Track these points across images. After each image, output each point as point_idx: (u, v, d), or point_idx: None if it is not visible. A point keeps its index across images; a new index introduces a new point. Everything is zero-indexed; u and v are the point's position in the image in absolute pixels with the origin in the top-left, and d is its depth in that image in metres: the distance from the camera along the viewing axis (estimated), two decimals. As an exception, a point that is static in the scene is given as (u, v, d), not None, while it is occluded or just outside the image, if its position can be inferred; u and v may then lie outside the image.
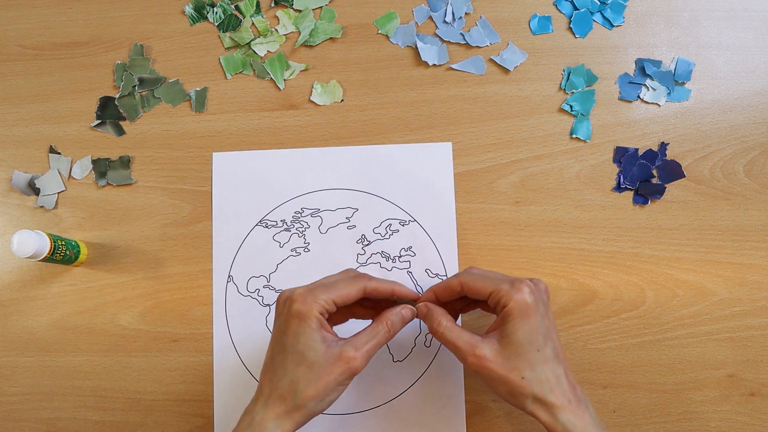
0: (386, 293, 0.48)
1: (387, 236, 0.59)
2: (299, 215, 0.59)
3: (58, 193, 0.60)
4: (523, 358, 0.44)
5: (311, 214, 0.59)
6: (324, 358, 0.44)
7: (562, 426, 0.44)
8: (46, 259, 0.54)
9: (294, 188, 0.60)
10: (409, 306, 0.49)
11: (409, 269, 0.58)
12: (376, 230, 0.59)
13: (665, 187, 0.59)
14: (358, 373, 0.45)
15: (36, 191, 0.60)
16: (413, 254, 0.58)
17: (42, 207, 0.60)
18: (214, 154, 0.61)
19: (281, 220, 0.59)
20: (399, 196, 0.59)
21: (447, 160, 0.60)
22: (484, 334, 0.47)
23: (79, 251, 0.57)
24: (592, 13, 0.63)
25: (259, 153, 0.60)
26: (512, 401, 0.46)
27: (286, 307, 0.46)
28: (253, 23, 0.63)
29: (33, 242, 0.52)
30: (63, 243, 0.55)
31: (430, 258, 0.58)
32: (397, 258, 0.58)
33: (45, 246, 0.53)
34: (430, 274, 0.58)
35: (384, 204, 0.59)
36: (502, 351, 0.45)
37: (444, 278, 0.58)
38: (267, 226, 0.59)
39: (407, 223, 0.59)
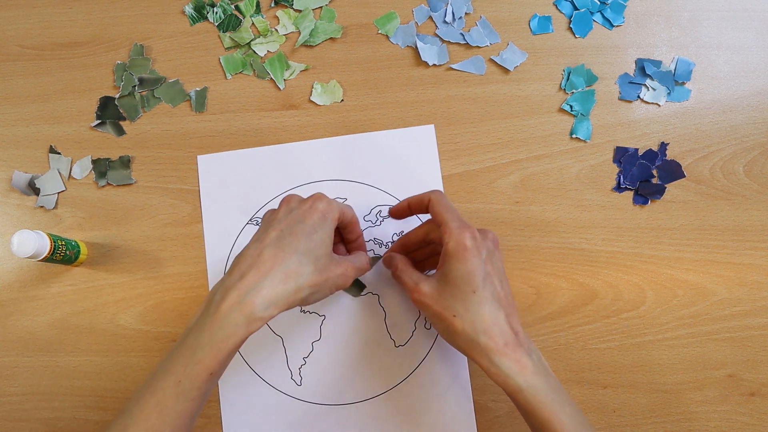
0: (358, 232, 0.53)
1: (378, 223, 0.59)
2: None
3: (58, 193, 0.60)
4: (457, 298, 0.45)
5: None
6: (329, 257, 0.47)
7: (497, 368, 0.44)
8: (46, 259, 0.54)
9: (281, 183, 0.60)
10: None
11: None
12: (366, 218, 0.59)
13: (665, 187, 0.59)
14: (346, 286, 0.49)
15: (36, 191, 0.60)
16: None
17: (42, 207, 0.60)
18: (198, 156, 0.60)
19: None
20: (386, 182, 0.60)
21: (431, 142, 0.60)
22: (437, 266, 0.49)
23: (79, 251, 0.57)
24: (592, 13, 0.63)
25: (242, 152, 0.60)
26: (452, 342, 0.47)
27: (308, 203, 0.48)
28: (253, 23, 0.63)
29: (33, 242, 0.52)
30: (63, 243, 0.55)
31: None
32: (389, 243, 0.58)
33: (45, 246, 0.53)
34: None
35: (372, 191, 0.59)
36: (439, 289, 0.47)
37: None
38: (257, 224, 0.59)
39: None
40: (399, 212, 0.54)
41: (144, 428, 0.41)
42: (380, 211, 0.59)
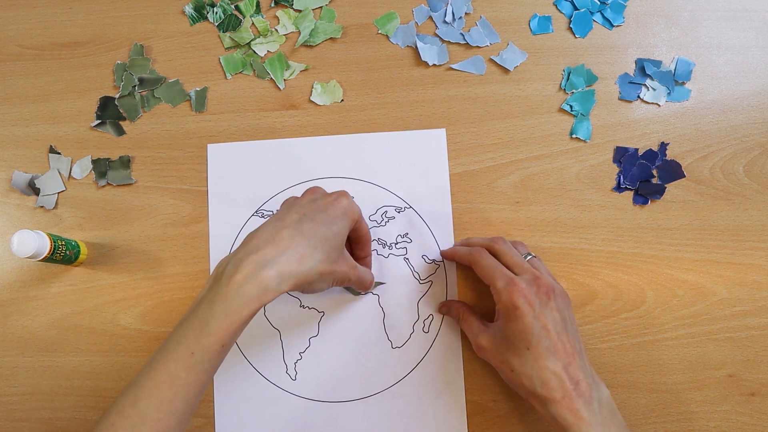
0: (368, 251, 0.55)
1: (383, 223, 0.59)
2: None
3: (58, 193, 0.60)
4: (513, 354, 0.47)
5: None
6: (340, 251, 0.48)
7: (554, 419, 0.45)
8: (46, 259, 0.54)
9: (289, 178, 0.60)
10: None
11: (406, 255, 0.58)
12: (372, 218, 0.59)
13: (665, 187, 0.59)
14: (345, 284, 0.50)
15: (36, 191, 0.60)
16: (409, 241, 0.58)
17: (42, 207, 0.60)
18: (209, 145, 0.60)
19: (277, 210, 0.59)
20: (394, 183, 0.60)
21: (441, 145, 0.60)
22: (494, 318, 0.51)
23: (79, 251, 0.57)
24: (592, 13, 0.63)
25: (253, 144, 0.61)
26: (515, 390, 0.49)
27: (333, 196, 0.49)
28: (253, 23, 0.63)
29: (33, 242, 0.52)
30: (63, 243, 0.55)
31: (426, 244, 0.58)
32: (393, 245, 0.58)
33: (45, 246, 0.53)
34: (427, 260, 0.58)
35: (379, 191, 0.60)
36: (496, 342, 0.49)
37: (440, 264, 0.58)
38: (263, 216, 0.59)
39: (403, 209, 0.59)
40: (445, 256, 0.57)
41: (156, 400, 0.41)
42: (386, 211, 0.59)
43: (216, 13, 0.63)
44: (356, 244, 0.53)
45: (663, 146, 0.60)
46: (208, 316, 0.41)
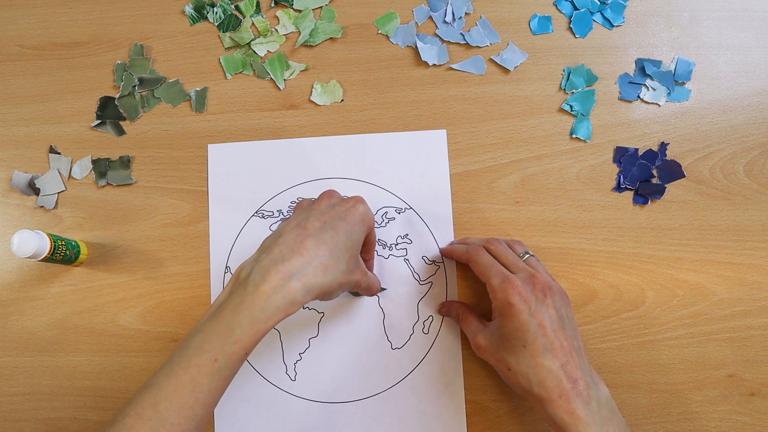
0: (372, 254, 0.55)
1: (383, 224, 0.59)
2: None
3: (58, 193, 0.60)
4: (510, 352, 0.47)
5: None
6: (357, 259, 0.48)
7: (551, 419, 0.45)
8: (46, 259, 0.54)
9: (290, 178, 0.60)
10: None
11: (406, 257, 0.58)
12: None
13: (665, 187, 0.59)
14: (355, 290, 0.49)
15: (36, 191, 0.60)
16: (410, 242, 0.58)
17: (42, 207, 0.60)
18: (209, 145, 0.60)
19: (278, 210, 0.59)
20: (394, 184, 0.60)
21: (442, 146, 0.60)
22: (492, 317, 0.51)
23: (79, 251, 0.57)
24: (592, 13, 0.63)
25: (254, 144, 0.61)
26: (513, 388, 0.49)
27: (350, 202, 0.48)
28: (253, 23, 0.63)
29: (33, 242, 0.52)
30: (63, 243, 0.55)
31: (426, 245, 0.58)
32: (393, 246, 0.58)
33: (45, 246, 0.53)
34: (427, 261, 0.58)
35: (380, 192, 0.60)
36: (494, 341, 0.49)
37: (440, 265, 0.58)
38: (263, 217, 0.59)
39: (403, 210, 0.59)
40: (444, 254, 0.58)
41: (177, 404, 0.40)
42: (386, 212, 0.59)
43: (216, 13, 0.63)
44: (362, 246, 0.53)
45: (663, 146, 0.60)
46: (233, 323, 0.41)
